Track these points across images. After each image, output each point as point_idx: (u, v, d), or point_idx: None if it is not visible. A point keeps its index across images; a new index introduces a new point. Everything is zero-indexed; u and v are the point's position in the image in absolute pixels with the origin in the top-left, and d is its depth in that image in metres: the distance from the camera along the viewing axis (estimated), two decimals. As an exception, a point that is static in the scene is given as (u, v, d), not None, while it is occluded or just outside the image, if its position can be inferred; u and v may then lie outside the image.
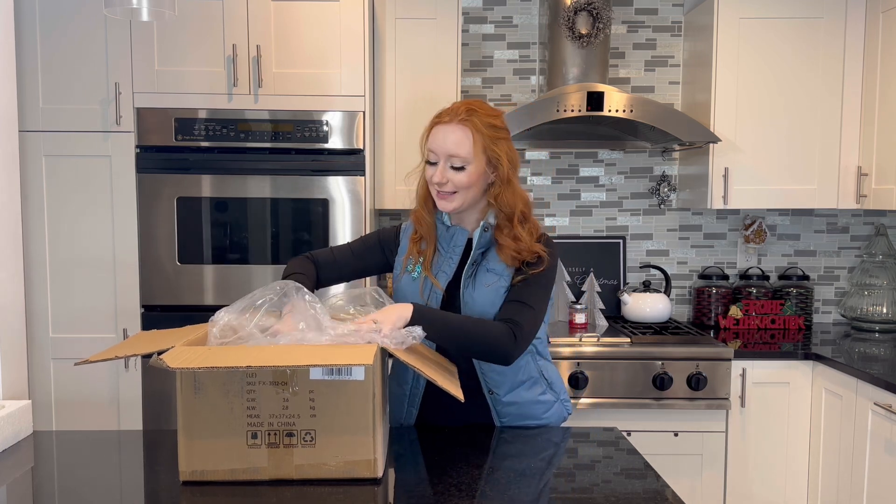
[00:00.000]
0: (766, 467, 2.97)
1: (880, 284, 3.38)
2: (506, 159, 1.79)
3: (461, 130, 1.77)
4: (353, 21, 2.83)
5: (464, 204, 1.81)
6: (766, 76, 3.16)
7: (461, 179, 1.77)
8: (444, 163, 1.78)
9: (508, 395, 1.88)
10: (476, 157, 1.77)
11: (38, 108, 2.82)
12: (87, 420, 2.87)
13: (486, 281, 1.82)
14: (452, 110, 1.80)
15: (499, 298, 1.81)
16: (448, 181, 1.78)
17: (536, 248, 1.80)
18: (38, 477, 1.63)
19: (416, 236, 1.91)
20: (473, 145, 1.76)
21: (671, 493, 1.49)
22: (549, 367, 1.98)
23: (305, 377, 1.46)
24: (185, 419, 1.47)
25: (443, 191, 1.80)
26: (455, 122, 1.78)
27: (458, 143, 1.76)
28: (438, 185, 1.79)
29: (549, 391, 1.95)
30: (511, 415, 1.90)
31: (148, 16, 1.88)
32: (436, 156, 1.79)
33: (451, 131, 1.77)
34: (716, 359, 2.93)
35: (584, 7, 3.13)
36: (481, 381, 1.87)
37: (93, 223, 2.86)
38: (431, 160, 1.81)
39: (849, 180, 3.18)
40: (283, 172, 2.85)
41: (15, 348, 1.99)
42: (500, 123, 1.83)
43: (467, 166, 1.77)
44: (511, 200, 1.81)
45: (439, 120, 1.81)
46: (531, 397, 1.91)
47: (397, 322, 1.59)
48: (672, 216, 3.59)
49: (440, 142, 1.78)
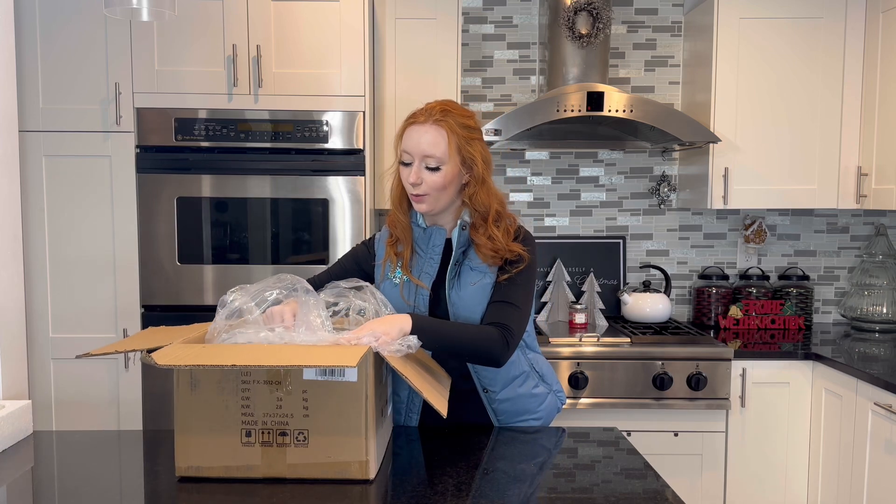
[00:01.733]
0: (766, 467, 2.97)
1: (880, 284, 3.38)
2: (480, 159, 1.79)
3: (436, 131, 1.76)
4: (353, 21, 2.83)
5: (438, 205, 1.81)
6: (767, 76, 3.16)
7: (436, 180, 1.77)
8: (419, 163, 1.77)
9: (503, 391, 1.89)
10: (451, 157, 1.76)
11: (38, 108, 2.82)
12: (87, 420, 2.87)
13: (471, 279, 1.82)
14: (426, 111, 1.79)
15: (485, 296, 1.81)
16: (423, 182, 1.77)
17: (514, 248, 1.80)
18: (38, 477, 1.63)
19: (391, 240, 1.91)
20: (448, 146, 1.76)
21: (671, 493, 1.49)
22: (539, 359, 1.99)
23: (299, 377, 1.46)
24: (182, 415, 1.48)
25: (417, 192, 1.79)
26: (430, 122, 1.77)
27: (434, 144, 1.75)
28: (413, 186, 1.78)
29: (542, 383, 1.97)
30: (507, 412, 1.91)
31: (148, 16, 1.88)
32: (410, 156, 1.78)
33: (426, 132, 1.76)
34: (716, 359, 2.93)
35: (584, 7, 3.13)
36: (475, 381, 1.88)
37: (93, 223, 2.86)
38: (405, 161, 1.80)
39: (849, 180, 3.18)
40: (283, 172, 2.86)
41: (15, 348, 1.99)
42: (473, 124, 1.82)
43: (442, 167, 1.77)
44: (486, 200, 1.81)
45: (414, 120, 1.80)
46: (525, 391, 1.92)
47: (397, 337, 1.58)
48: (672, 216, 3.59)
49: (415, 142, 1.77)
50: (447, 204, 1.83)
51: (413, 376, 1.51)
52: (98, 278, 2.87)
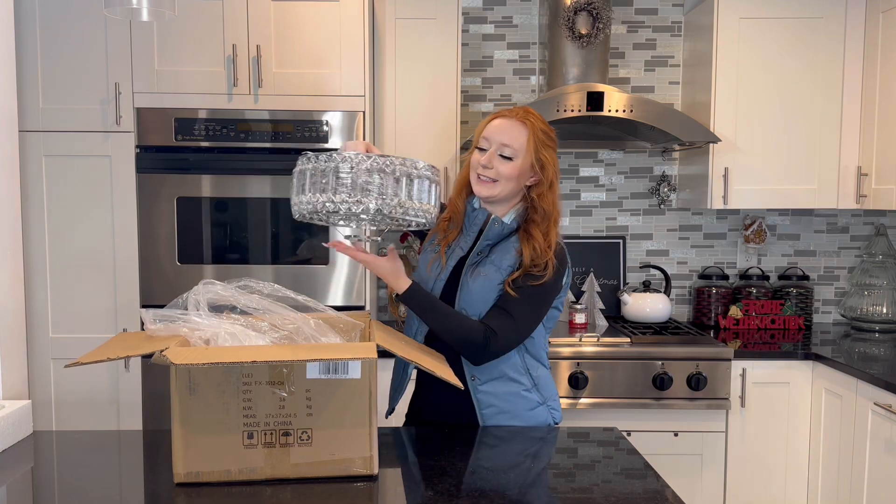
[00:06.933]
0: (766, 467, 2.97)
1: (880, 284, 3.38)
2: (552, 164, 1.91)
3: (520, 126, 1.88)
4: (353, 21, 2.83)
5: (499, 194, 1.89)
6: (767, 76, 3.16)
7: (506, 169, 1.86)
8: (495, 150, 1.87)
9: (486, 384, 1.90)
10: (525, 153, 1.87)
11: (38, 108, 2.82)
12: (87, 420, 2.87)
13: (484, 271, 1.88)
14: (512, 110, 1.93)
15: (490, 291, 1.86)
16: (493, 167, 1.86)
17: (549, 256, 1.86)
18: (38, 477, 1.63)
19: (446, 216, 2.00)
20: (527, 142, 1.87)
21: (671, 493, 1.49)
22: (540, 370, 1.98)
23: (302, 377, 1.47)
24: (181, 420, 1.47)
25: (485, 175, 1.87)
26: (515, 118, 1.89)
27: (514, 136, 1.87)
28: (483, 168, 1.87)
29: (535, 392, 1.95)
30: (492, 406, 1.91)
31: (148, 16, 1.88)
32: (488, 143, 1.89)
33: (511, 125, 1.88)
34: (716, 359, 2.93)
35: (584, 7, 3.13)
36: (464, 366, 1.90)
37: (93, 223, 2.86)
38: (483, 146, 1.90)
39: (849, 180, 3.18)
40: (283, 172, 2.85)
41: (15, 348, 1.99)
42: (552, 134, 1.94)
43: (515, 159, 1.86)
44: (551, 203, 1.90)
45: (500, 115, 1.92)
46: (511, 390, 1.92)
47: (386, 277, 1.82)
48: (672, 216, 3.59)
49: (496, 130, 1.89)
50: (506, 196, 1.90)
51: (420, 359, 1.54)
52: (98, 278, 2.87)
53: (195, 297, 1.60)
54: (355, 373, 1.47)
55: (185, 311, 1.58)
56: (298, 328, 1.63)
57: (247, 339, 1.55)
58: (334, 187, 1.60)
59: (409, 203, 1.64)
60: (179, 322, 1.56)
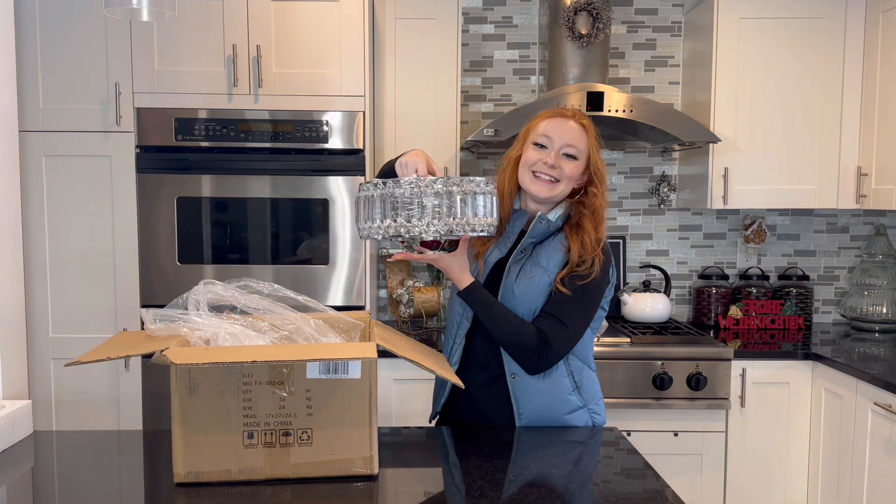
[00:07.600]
0: (766, 467, 2.97)
1: (880, 284, 3.38)
2: (603, 167, 1.93)
3: (581, 129, 1.89)
4: (353, 21, 2.83)
5: (559, 195, 1.88)
6: (766, 76, 3.16)
7: (570, 169, 1.86)
8: (559, 149, 1.86)
9: (525, 383, 1.86)
10: (585, 155, 1.88)
11: (38, 108, 2.82)
12: (87, 420, 2.87)
13: (529, 272, 1.86)
14: (566, 110, 1.94)
15: (538, 294, 1.84)
16: (559, 167, 1.85)
17: (597, 251, 1.85)
18: (38, 477, 1.63)
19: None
20: (588, 145, 1.89)
21: (671, 493, 1.49)
22: (584, 372, 1.93)
23: (302, 377, 1.47)
24: (180, 420, 1.47)
25: (550, 174, 1.85)
26: (575, 120, 1.90)
27: (578, 138, 1.87)
28: (549, 168, 1.85)
29: (576, 394, 1.90)
30: (530, 407, 1.87)
31: (148, 16, 1.88)
32: (551, 141, 1.87)
33: (574, 127, 1.88)
34: (716, 359, 2.93)
35: (584, 7, 3.13)
36: (505, 364, 1.87)
37: (93, 223, 2.86)
38: (543, 143, 1.88)
39: (849, 180, 3.18)
40: (283, 172, 2.86)
41: (15, 348, 1.99)
42: (600, 140, 1.94)
43: (578, 158, 1.87)
44: (602, 203, 1.90)
45: (561, 113, 1.91)
46: (552, 391, 1.88)
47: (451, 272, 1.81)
48: (672, 216, 3.59)
49: (560, 130, 1.87)
50: (560, 197, 1.90)
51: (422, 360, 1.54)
52: (98, 278, 2.87)
53: (195, 297, 1.60)
54: (355, 373, 1.47)
55: (185, 311, 1.58)
56: (298, 328, 1.63)
57: (247, 339, 1.55)
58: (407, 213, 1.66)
59: (475, 220, 1.68)
60: (179, 322, 1.56)
